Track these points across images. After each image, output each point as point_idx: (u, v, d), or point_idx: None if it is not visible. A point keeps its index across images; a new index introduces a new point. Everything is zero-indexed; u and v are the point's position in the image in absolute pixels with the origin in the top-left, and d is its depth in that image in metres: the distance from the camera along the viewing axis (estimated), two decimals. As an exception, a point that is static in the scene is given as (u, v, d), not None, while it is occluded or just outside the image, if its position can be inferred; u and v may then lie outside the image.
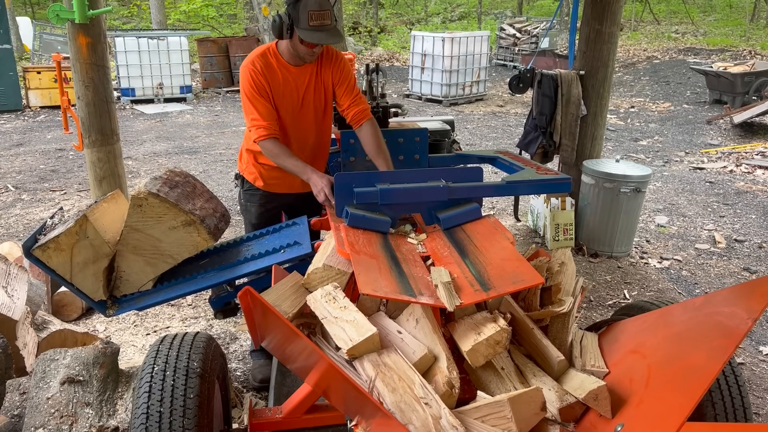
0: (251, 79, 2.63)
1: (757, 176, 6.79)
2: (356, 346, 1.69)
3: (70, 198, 5.97)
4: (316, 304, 1.86)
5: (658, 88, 12.65)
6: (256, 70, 2.63)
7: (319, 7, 2.48)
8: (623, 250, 4.60)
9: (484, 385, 1.81)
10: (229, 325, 3.54)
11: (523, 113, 10.18)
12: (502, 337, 1.71)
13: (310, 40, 2.52)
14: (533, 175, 2.64)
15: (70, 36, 3.92)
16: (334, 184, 2.31)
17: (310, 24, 2.48)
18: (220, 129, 9.33)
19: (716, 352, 1.44)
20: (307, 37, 2.51)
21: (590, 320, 3.61)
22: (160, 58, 11.10)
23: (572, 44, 5.25)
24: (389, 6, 25.78)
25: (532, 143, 4.87)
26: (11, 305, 2.71)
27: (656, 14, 21.86)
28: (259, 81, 2.63)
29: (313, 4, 2.47)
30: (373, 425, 1.57)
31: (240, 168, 2.99)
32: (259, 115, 2.63)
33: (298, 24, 2.50)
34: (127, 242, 2.32)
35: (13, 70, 10.01)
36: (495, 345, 1.71)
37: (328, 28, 2.52)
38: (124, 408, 2.21)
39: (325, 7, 2.50)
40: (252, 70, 2.63)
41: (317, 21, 2.48)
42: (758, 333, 3.60)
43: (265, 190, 2.92)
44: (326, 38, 2.53)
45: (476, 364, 1.74)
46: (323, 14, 2.50)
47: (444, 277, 1.85)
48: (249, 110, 2.65)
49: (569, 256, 2.15)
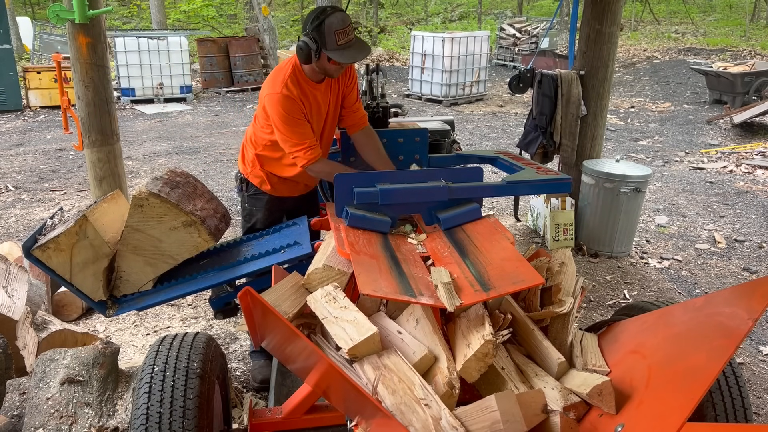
0: (290, 107, 2.53)
1: (757, 176, 6.79)
2: (357, 346, 1.68)
3: (70, 198, 5.97)
4: (316, 304, 1.86)
5: (658, 88, 12.65)
6: (293, 97, 2.54)
7: (343, 24, 2.44)
8: (623, 250, 4.60)
9: (484, 385, 1.81)
10: (229, 325, 3.54)
11: (523, 113, 10.18)
12: (488, 349, 1.68)
13: (343, 60, 2.48)
14: (533, 175, 2.64)
15: (70, 36, 3.92)
16: (334, 184, 2.31)
17: (338, 44, 2.44)
18: (220, 129, 9.33)
19: (716, 353, 1.44)
20: (339, 57, 2.46)
21: (590, 320, 3.61)
22: (160, 58, 11.10)
23: (572, 44, 5.25)
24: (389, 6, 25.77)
25: (532, 143, 4.87)
26: (11, 305, 2.71)
27: (656, 14, 21.86)
28: (298, 107, 2.55)
29: (338, 23, 2.43)
30: (373, 426, 1.57)
31: (244, 171, 2.92)
32: (302, 140, 2.55)
33: (326, 46, 2.45)
34: (128, 242, 2.32)
35: (13, 70, 10.01)
36: (484, 358, 1.69)
37: (356, 43, 2.50)
38: (123, 408, 2.21)
39: (348, 22, 2.47)
40: (288, 97, 2.53)
41: (344, 39, 2.45)
42: (758, 333, 3.60)
43: (272, 194, 2.89)
44: (357, 54, 2.51)
45: (471, 380, 1.73)
46: (348, 30, 2.46)
47: (444, 277, 1.85)
48: (289, 137, 2.55)
49: (569, 256, 2.15)
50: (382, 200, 2.26)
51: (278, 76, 2.58)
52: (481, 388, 1.82)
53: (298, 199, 2.95)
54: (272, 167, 2.81)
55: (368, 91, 3.49)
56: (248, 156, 2.88)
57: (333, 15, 2.44)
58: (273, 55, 13.03)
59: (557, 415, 1.62)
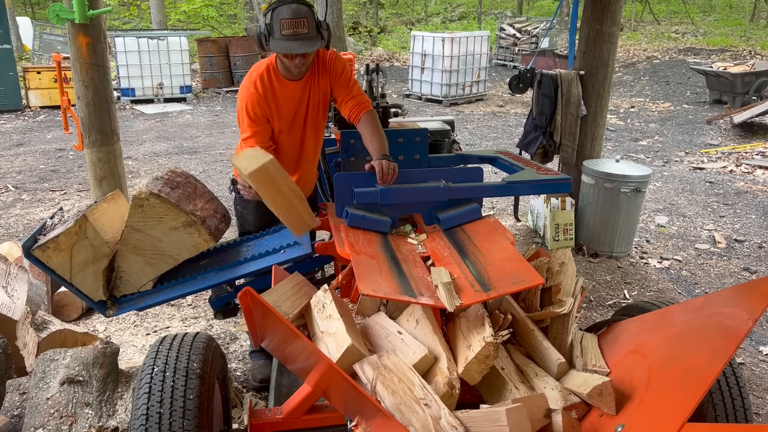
0: (251, 104, 2.53)
1: (757, 176, 6.79)
2: (339, 361, 1.68)
3: (70, 198, 5.97)
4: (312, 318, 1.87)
5: (658, 88, 12.65)
6: (258, 95, 2.52)
7: (293, 14, 2.35)
8: (623, 250, 4.60)
9: (484, 386, 1.81)
10: (229, 325, 3.54)
11: (523, 113, 10.18)
12: (489, 351, 1.68)
13: (280, 50, 2.41)
14: (533, 175, 2.64)
15: (70, 36, 3.92)
16: (334, 184, 2.31)
17: (282, 33, 2.36)
18: (220, 129, 9.33)
19: (717, 353, 1.44)
20: (277, 47, 2.39)
21: (590, 320, 3.61)
22: (160, 58, 11.10)
23: (572, 44, 5.25)
24: (389, 6, 25.77)
25: (532, 143, 4.87)
26: (11, 305, 2.71)
27: (656, 14, 21.86)
28: (259, 107, 2.53)
29: (287, 13, 2.35)
30: (373, 426, 1.57)
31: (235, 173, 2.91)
32: (252, 138, 2.54)
33: (273, 34, 2.39)
34: (128, 242, 2.32)
35: (13, 70, 10.01)
36: (485, 360, 1.68)
37: (304, 37, 2.38)
38: (123, 408, 2.21)
39: (301, 15, 2.36)
40: (253, 94, 2.52)
41: (290, 30, 2.35)
42: (758, 333, 3.60)
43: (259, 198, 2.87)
44: (299, 47, 2.38)
45: (473, 383, 1.73)
46: (297, 22, 2.36)
47: (444, 277, 1.85)
48: (244, 129, 2.58)
49: (569, 256, 2.15)
50: (382, 200, 2.26)
51: (252, 73, 2.61)
52: (481, 388, 1.82)
53: None
54: None
55: (368, 91, 3.49)
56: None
57: (287, 5, 2.37)
58: (273, 55, 13.03)
59: (559, 414, 1.62)
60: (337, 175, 2.31)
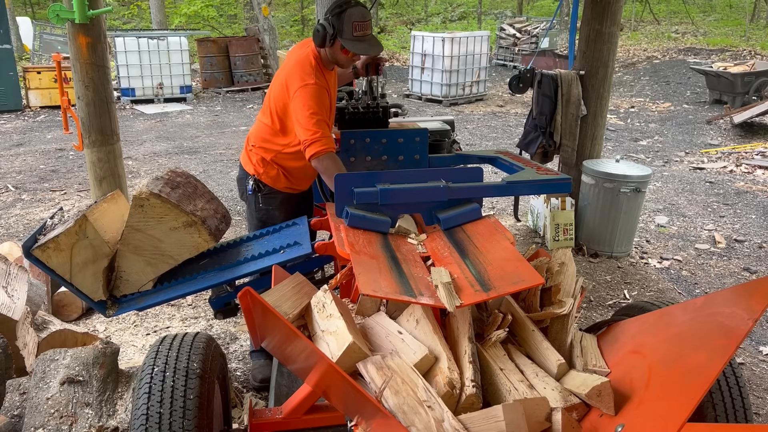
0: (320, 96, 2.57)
1: (757, 176, 6.79)
2: (339, 360, 1.68)
3: (70, 198, 5.97)
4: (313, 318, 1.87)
5: (658, 88, 12.65)
6: (324, 86, 2.62)
7: (363, 17, 2.56)
8: (623, 250, 4.60)
9: (484, 386, 1.80)
10: (229, 325, 3.54)
11: (523, 113, 10.18)
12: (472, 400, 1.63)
13: (354, 50, 2.61)
14: (533, 175, 2.64)
15: (70, 36, 3.92)
16: (334, 184, 2.31)
17: (354, 34, 2.56)
18: (220, 129, 9.33)
19: (717, 353, 1.44)
20: (351, 47, 2.58)
21: (590, 320, 3.61)
22: (160, 58, 11.10)
23: (572, 44, 5.25)
24: (389, 6, 25.75)
25: (532, 143, 4.87)
26: (11, 305, 2.71)
27: (656, 14, 21.85)
28: (326, 97, 2.64)
29: (358, 15, 2.55)
30: (373, 426, 1.57)
31: (256, 172, 2.84)
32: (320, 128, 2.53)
33: (342, 34, 2.56)
34: (128, 242, 2.32)
35: (13, 70, 10.01)
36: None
37: (370, 38, 2.63)
38: (123, 408, 2.21)
39: (368, 18, 2.60)
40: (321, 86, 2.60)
41: (360, 31, 2.57)
42: (758, 333, 3.60)
43: (285, 192, 2.88)
44: (369, 48, 2.65)
45: None
46: (366, 24, 2.59)
47: (444, 277, 1.85)
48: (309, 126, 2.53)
49: (569, 256, 2.15)
50: (382, 200, 2.26)
51: (305, 68, 2.62)
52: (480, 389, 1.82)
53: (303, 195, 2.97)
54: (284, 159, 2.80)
55: (368, 91, 3.49)
56: (257, 156, 2.84)
57: (355, 7, 2.57)
58: (273, 56, 13.03)
59: (559, 412, 1.62)
60: (337, 175, 2.31)
